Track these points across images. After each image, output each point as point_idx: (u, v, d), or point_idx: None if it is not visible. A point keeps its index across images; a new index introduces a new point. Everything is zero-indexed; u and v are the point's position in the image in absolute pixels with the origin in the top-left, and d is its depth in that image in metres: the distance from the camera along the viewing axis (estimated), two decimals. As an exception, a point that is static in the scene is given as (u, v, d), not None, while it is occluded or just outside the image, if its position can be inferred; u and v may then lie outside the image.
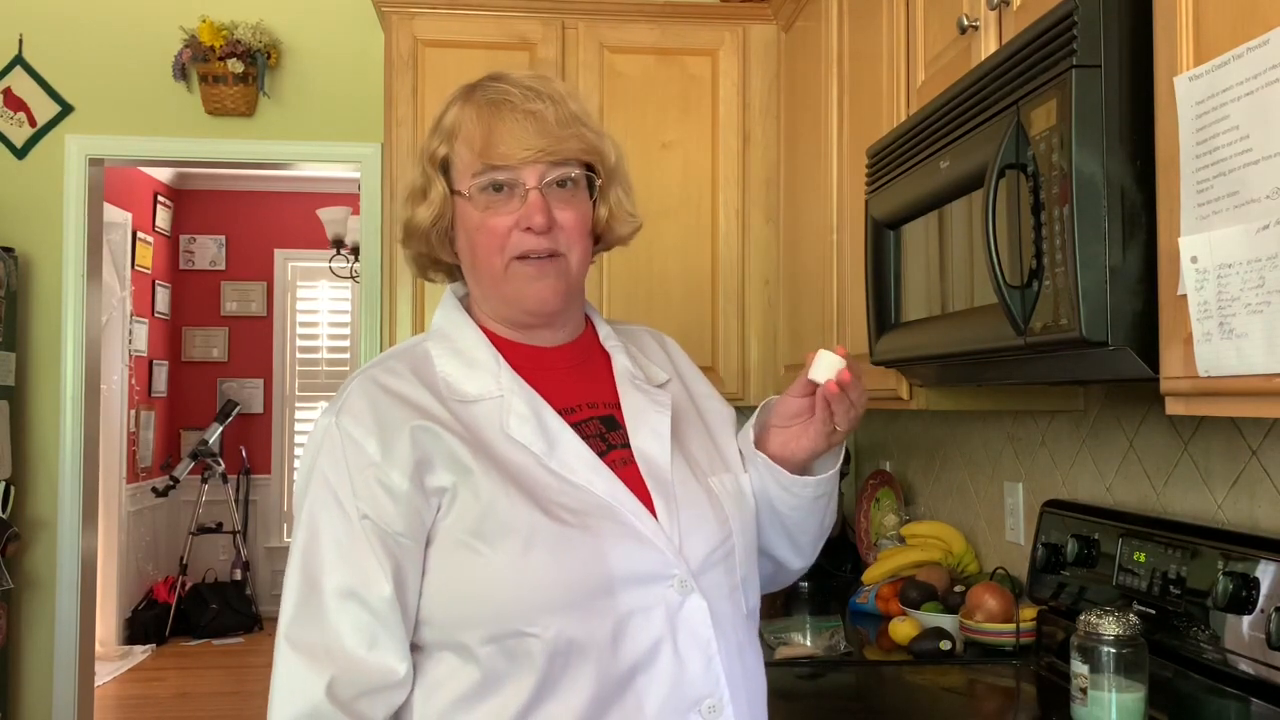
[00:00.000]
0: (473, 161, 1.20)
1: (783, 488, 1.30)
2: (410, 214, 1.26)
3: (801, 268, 2.82)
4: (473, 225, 1.21)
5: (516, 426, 1.18)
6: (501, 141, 1.18)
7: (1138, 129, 1.20)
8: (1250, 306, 0.99)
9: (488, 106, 1.21)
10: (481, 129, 1.19)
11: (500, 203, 1.20)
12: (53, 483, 3.66)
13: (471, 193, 1.20)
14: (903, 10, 2.03)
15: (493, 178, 1.19)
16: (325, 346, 7.50)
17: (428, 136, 1.27)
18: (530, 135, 1.18)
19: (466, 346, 1.25)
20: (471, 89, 1.25)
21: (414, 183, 1.27)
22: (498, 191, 1.19)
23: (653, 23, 3.09)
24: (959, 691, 1.99)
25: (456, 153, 1.22)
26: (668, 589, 1.15)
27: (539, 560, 1.11)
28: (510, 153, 1.18)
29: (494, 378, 1.22)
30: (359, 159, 3.71)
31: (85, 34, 3.68)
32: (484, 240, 1.21)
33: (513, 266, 1.20)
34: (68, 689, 3.63)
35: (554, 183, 1.20)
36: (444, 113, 1.26)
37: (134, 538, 6.50)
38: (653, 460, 1.23)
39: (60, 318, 3.67)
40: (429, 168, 1.24)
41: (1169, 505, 1.79)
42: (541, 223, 1.18)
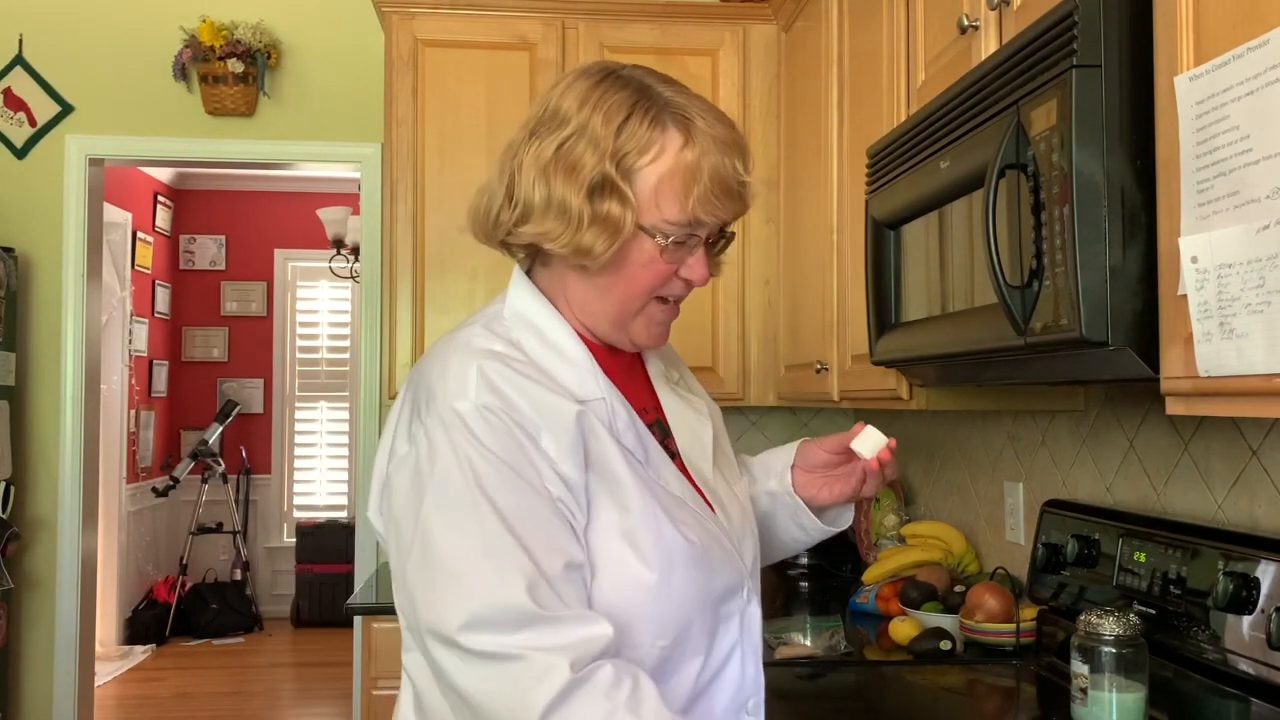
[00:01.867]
0: (678, 210, 1.12)
1: (798, 525, 1.37)
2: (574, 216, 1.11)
3: (801, 268, 2.82)
4: (641, 262, 1.14)
5: (624, 431, 1.15)
6: (720, 206, 1.14)
7: (1138, 129, 1.20)
8: (1250, 306, 0.99)
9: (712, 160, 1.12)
10: (704, 184, 1.12)
11: (682, 252, 1.15)
12: (53, 483, 3.66)
13: (663, 241, 1.13)
14: (903, 10, 2.03)
15: (689, 231, 1.14)
16: (325, 346, 7.50)
17: (604, 129, 1.11)
18: (737, 204, 1.16)
19: (558, 341, 1.17)
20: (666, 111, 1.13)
21: (580, 173, 1.11)
22: (679, 243, 1.14)
23: (653, 23, 3.09)
24: (959, 691, 1.99)
25: (652, 180, 1.12)
26: (741, 597, 1.20)
27: (677, 580, 1.11)
28: (723, 216, 1.16)
29: (594, 378, 1.16)
30: (359, 159, 3.71)
31: (85, 34, 3.68)
32: (647, 280, 1.15)
33: (651, 307, 1.18)
34: (68, 689, 3.63)
35: (712, 239, 1.19)
36: (629, 116, 1.12)
37: (134, 538, 6.50)
38: (700, 470, 1.25)
39: (60, 318, 3.67)
40: (616, 176, 1.11)
41: (1169, 505, 1.79)
42: (704, 278, 1.18)
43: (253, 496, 7.25)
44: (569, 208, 1.11)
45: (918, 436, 2.95)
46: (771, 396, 3.10)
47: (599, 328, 1.20)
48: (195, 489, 6.87)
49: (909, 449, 3.03)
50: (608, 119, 1.11)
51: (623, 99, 1.13)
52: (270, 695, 5.53)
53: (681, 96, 1.15)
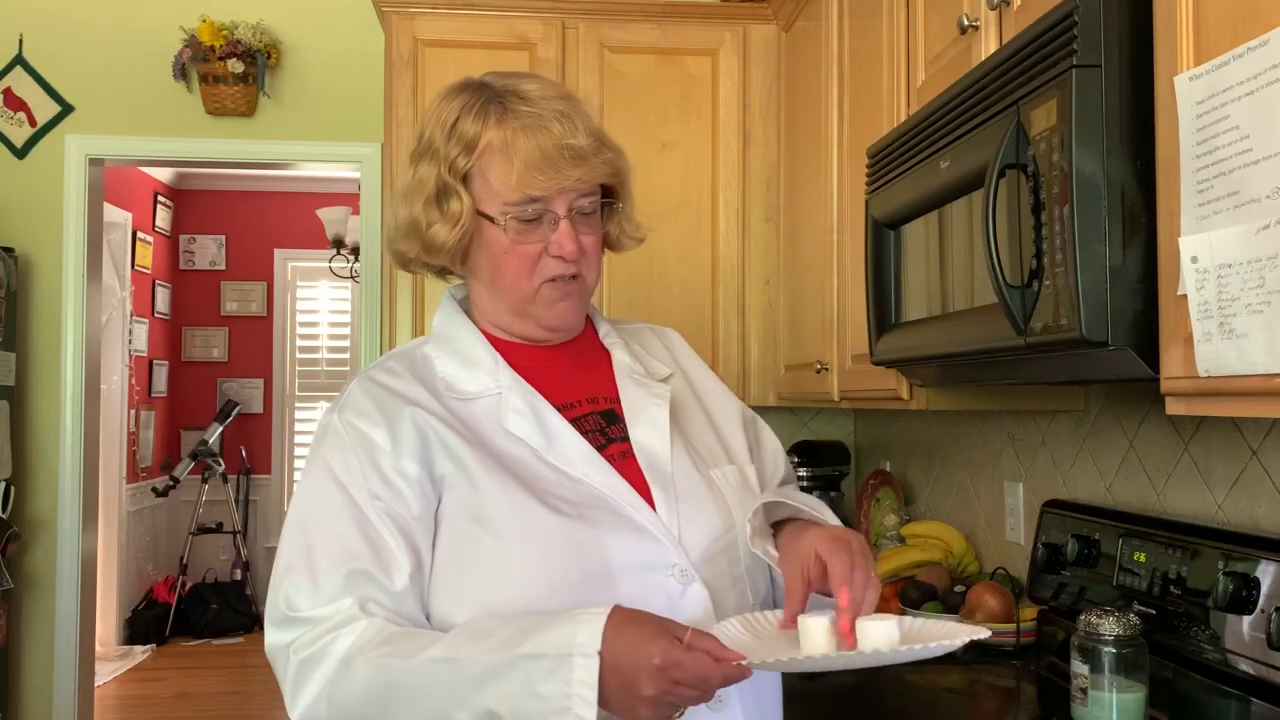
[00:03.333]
0: (508, 190, 1.19)
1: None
2: (424, 225, 1.23)
3: (801, 268, 2.82)
4: (500, 249, 1.22)
5: (514, 421, 1.21)
6: (543, 175, 1.18)
7: (1138, 129, 1.20)
8: (1250, 306, 0.99)
9: (525, 134, 1.19)
10: (520, 159, 1.18)
11: (530, 229, 1.20)
12: (53, 483, 3.66)
13: (504, 221, 1.20)
14: (903, 10, 2.03)
15: (529, 208, 1.19)
16: (325, 346, 7.50)
17: (441, 140, 1.23)
18: (569, 167, 1.19)
19: (465, 347, 1.27)
20: (492, 101, 1.22)
21: (425, 188, 1.23)
22: (527, 222, 1.20)
23: (653, 23, 3.09)
24: (959, 691, 1.99)
25: (482, 171, 1.21)
26: (667, 578, 1.18)
27: (538, 550, 1.14)
28: (551, 185, 1.18)
29: (492, 376, 1.24)
30: (359, 159, 3.71)
31: (85, 34, 3.68)
32: (514, 265, 1.22)
33: (543, 289, 1.23)
34: (68, 689, 3.63)
35: (580, 210, 1.22)
36: (458, 119, 1.22)
37: (134, 538, 6.50)
38: (652, 453, 1.25)
39: (60, 318, 3.67)
40: (450, 179, 1.21)
41: (1169, 505, 1.79)
42: (573, 250, 1.21)
43: (253, 496, 7.25)
44: (416, 220, 1.23)
45: (918, 436, 2.95)
46: (771, 396, 3.10)
47: (506, 323, 1.28)
48: (195, 489, 6.87)
49: (909, 449, 3.03)
50: (443, 127, 1.22)
51: (456, 104, 1.23)
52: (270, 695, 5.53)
53: (514, 83, 1.22)
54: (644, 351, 1.39)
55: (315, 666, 1.10)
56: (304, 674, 1.10)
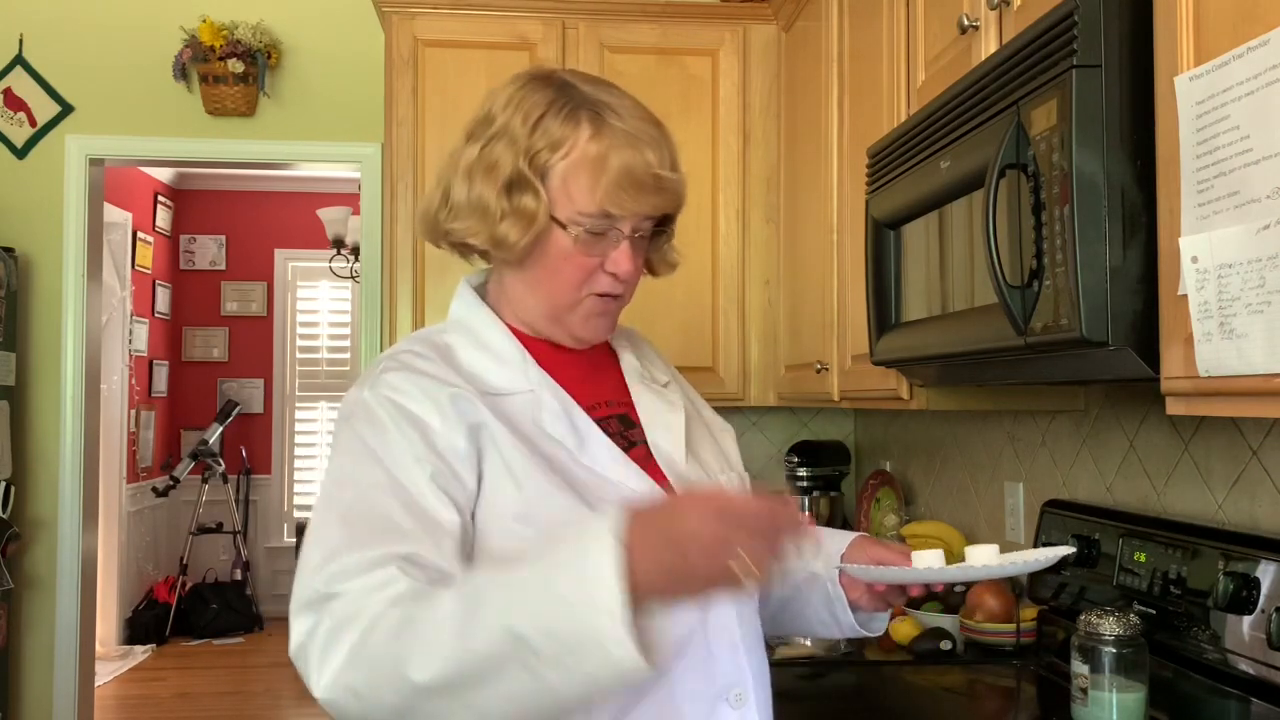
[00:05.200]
0: (587, 202, 1.16)
1: (831, 615, 1.34)
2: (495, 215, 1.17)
3: (801, 268, 2.82)
4: (560, 255, 1.19)
5: (550, 422, 1.19)
6: (628, 197, 1.16)
7: (1138, 129, 1.20)
8: (1251, 306, 0.99)
9: (618, 152, 1.16)
10: (610, 176, 1.15)
11: (595, 243, 1.19)
12: (53, 483, 3.66)
13: (576, 232, 1.17)
14: (903, 10, 2.03)
15: (600, 223, 1.17)
16: (325, 346, 7.50)
17: (522, 129, 1.18)
18: (652, 194, 1.18)
19: (491, 341, 1.24)
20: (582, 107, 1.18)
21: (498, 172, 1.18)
22: (594, 235, 1.18)
23: (653, 22, 3.09)
24: (959, 691, 1.99)
25: (564, 175, 1.17)
26: None
27: None
28: (631, 208, 1.17)
29: (522, 373, 1.21)
30: (359, 159, 3.71)
31: (85, 34, 3.68)
32: (569, 273, 1.20)
33: (586, 301, 1.22)
34: (68, 689, 3.63)
35: (640, 232, 1.21)
36: (544, 115, 1.18)
37: (134, 538, 6.50)
38: (671, 458, 1.26)
39: (60, 318, 3.67)
40: (529, 172, 1.17)
41: (1169, 505, 1.79)
42: (629, 271, 1.20)
43: (253, 496, 7.25)
44: (487, 204, 1.18)
45: (918, 436, 2.95)
46: (771, 396, 3.10)
47: (537, 324, 1.25)
48: (195, 489, 6.86)
49: (909, 449, 3.03)
50: (525, 118, 1.18)
51: (542, 98, 1.19)
52: (270, 695, 5.53)
53: (604, 94, 1.20)
54: (645, 356, 1.39)
55: (345, 628, 0.99)
56: (333, 639, 0.99)
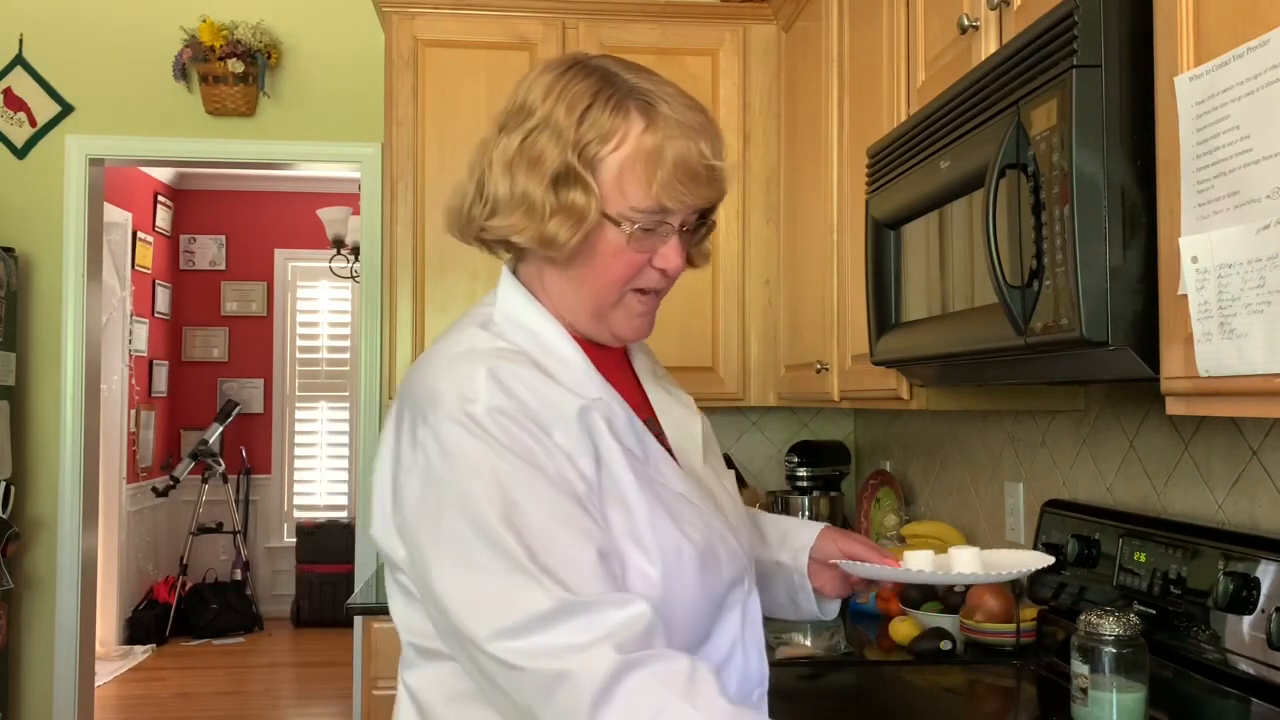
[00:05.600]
0: (642, 197, 1.10)
1: (792, 600, 1.38)
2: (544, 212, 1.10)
3: (801, 268, 2.82)
4: (610, 252, 1.12)
5: (624, 431, 1.13)
6: (685, 189, 1.11)
7: (1138, 129, 1.20)
8: (1251, 306, 0.99)
9: (673, 143, 1.10)
10: (666, 169, 1.10)
11: (646, 238, 1.12)
12: (53, 483, 3.66)
13: (631, 229, 1.11)
14: (903, 10, 2.03)
15: (653, 218, 1.11)
16: (325, 346, 7.50)
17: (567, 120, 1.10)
18: (705, 186, 1.13)
19: (552, 343, 1.16)
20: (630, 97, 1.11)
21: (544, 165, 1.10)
22: (646, 230, 1.12)
23: (653, 23, 3.09)
24: (959, 691, 1.99)
25: (616, 169, 1.10)
26: (743, 590, 1.20)
27: (686, 581, 1.10)
28: (688, 201, 1.12)
29: (589, 379, 1.14)
30: (359, 159, 3.71)
31: (85, 34, 3.68)
32: (619, 270, 1.13)
33: (628, 298, 1.16)
34: (68, 689, 3.63)
35: (688, 226, 1.16)
36: (590, 105, 1.11)
37: (134, 538, 6.50)
38: (693, 465, 1.24)
39: (60, 318, 3.67)
40: (579, 166, 1.10)
41: (1169, 505, 1.79)
42: (679, 267, 1.15)
43: (253, 496, 7.26)
44: (533, 200, 1.10)
45: (918, 436, 2.95)
46: (771, 396, 3.10)
47: (578, 322, 1.18)
48: (195, 489, 6.87)
49: (909, 449, 3.03)
50: (570, 108, 1.11)
51: (585, 87, 1.12)
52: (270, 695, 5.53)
53: (648, 82, 1.14)
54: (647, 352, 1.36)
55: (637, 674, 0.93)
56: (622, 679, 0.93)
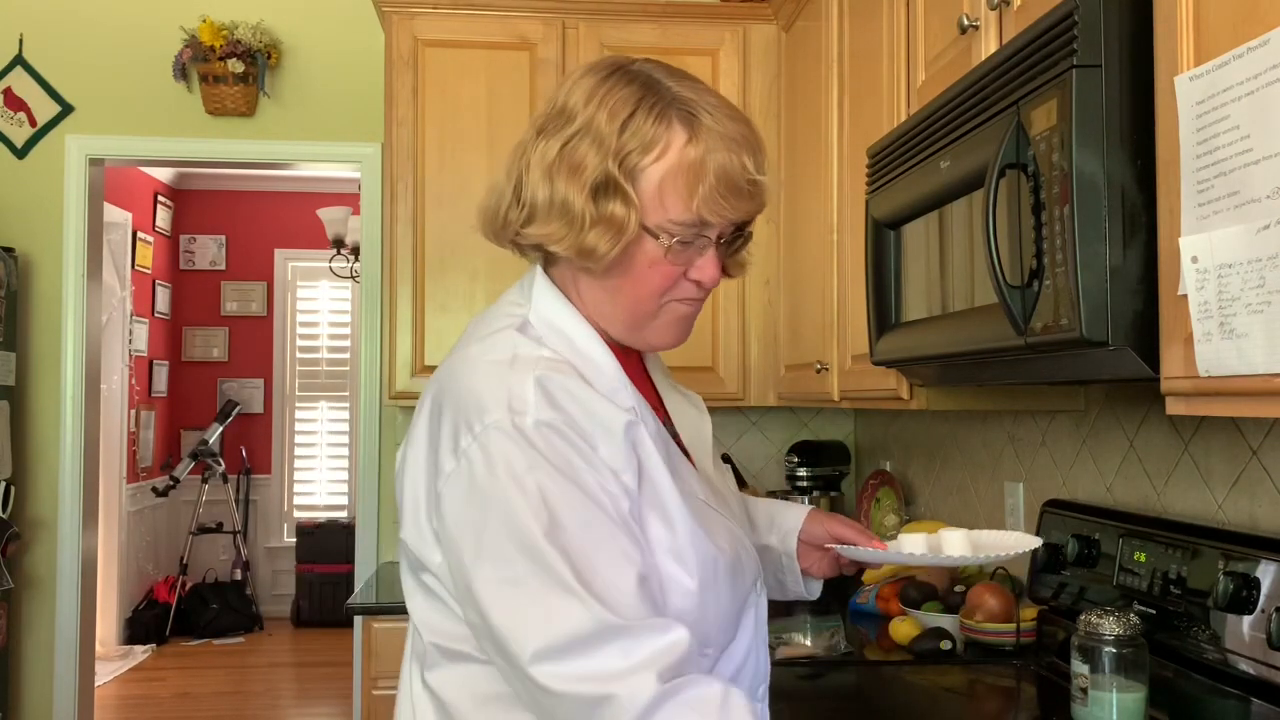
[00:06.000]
0: (682, 210, 1.08)
1: (779, 582, 1.39)
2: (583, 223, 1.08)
3: (801, 268, 2.82)
4: (647, 263, 1.11)
5: (653, 443, 1.11)
6: (726, 203, 1.09)
7: (1138, 129, 1.20)
8: (1251, 306, 0.99)
9: (717, 155, 1.08)
10: (708, 183, 1.08)
11: (684, 250, 1.11)
12: (53, 483, 3.66)
13: (669, 242, 1.09)
14: (903, 10, 2.03)
15: (692, 230, 1.10)
16: (325, 346, 7.50)
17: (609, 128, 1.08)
18: (747, 200, 1.11)
19: (589, 351, 1.14)
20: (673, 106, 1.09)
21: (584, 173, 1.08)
22: (685, 243, 1.10)
23: (653, 23, 3.09)
24: (959, 691, 1.99)
25: (657, 180, 1.08)
26: (755, 590, 1.22)
27: (720, 592, 1.12)
28: (729, 215, 1.10)
29: (623, 387, 1.13)
30: (359, 159, 3.71)
31: (85, 34, 3.68)
32: (655, 281, 1.12)
33: (668, 308, 1.14)
34: (68, 689, 3.63)
35: (726, 238, 1.14)
36: (633, 113, 1.09)
37: (134, 538, 6.50)
38: (706, 467, 1.25)
39: (60, 318, 3.67)
40: (619, 176, 1.07)
41: (1169, 505, 1.79)
42: (715, 279, 1.13)
43: (253, 496, 7.26)
44: (572, 208, 1.08)
45: (918, 436, 2.95)
46: (771, 396, 3.10)
47: (613, 329, 1.16)
48: (195, 489, 6.87)
49: (909, 449, 3.03)
50: (612, 116, 1.08)
51: (628, 95, 1.09)
52: (270, 695, 5.53)
53: (691, 91, 1.11)
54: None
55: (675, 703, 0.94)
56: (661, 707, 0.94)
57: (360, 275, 3.75)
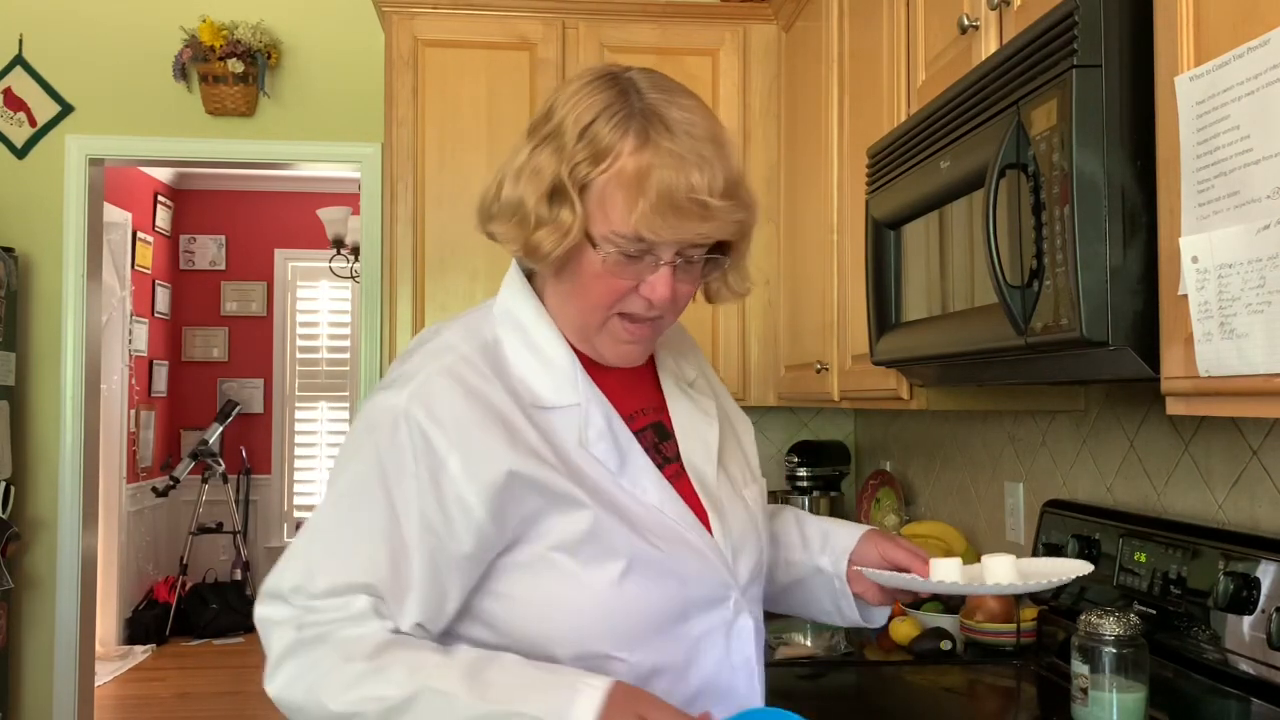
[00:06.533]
0: (621, 223, 1.07)
1: (836, 608, 1.33)
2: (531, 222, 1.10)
3: (801, 268, 2.82)
4: (591, 273, 1.11)
5: (595, 441, 1.13)
6: (664, 222, 1.06)
7: (1138, 129, 1.20)
8: (1251, 306, 0.99)
9: (660, 172, 1.05)
10: (648, 198, 1.05)
11: (628, 265, 1.09)
12: (53, 483, 3.66)
13: (608, 252, 1.09)
14: (903, 10, 2.03)
15: (635, 246, 1.08)
16: (325, 346, 7.50)
17: (572, 134, 1.09)
18: (694, 221, 1.07)
19: (542, 342, 1.16)
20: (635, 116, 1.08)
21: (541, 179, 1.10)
22: (630, 257, 1.09)
23: (653, 23, 3.09)
24: (959, 691, 1.99)
25: (602, 190, 1.08)
26: (726, 610, 1.17)
27: (634, 589, 1.10)
28: (669, 235, 1.07)
29: (572, 384, 1.15)
30: (359, 159, 3.71)
31: (85, 34, 3.68)
32: (599, 292, 1.11)
33: (613, 322, 1.13)
34: (68, 689, 3.63)
35: (686, 258, 1.12)
36: (594, 120, 1.09)
37: (134, 538, 6.50)
38: (703, 475, 1.22)
39: (60, 318, 3.67)
40: (569, 185, 1.08)
41: (1169, 505, 1.79)
42: (664, 299, 1.11)
43: (253, 496, 7.25)
44: (525, 210, 1.11)
45: (918, 436, 2.95)
46: (771, 396, 3.10)
47: (567, 333, 1.17)
48: (195, 489, 6.86)
49: (909, 449, 3.03)
50: (577, 121, 1.09)
51: (598, 101, 1.10)
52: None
53: (664, 103, 1.09)
54: (676, 350, 1.32)
55: (310, 650, 1.05)
56: (294, 653, 1.06)
57: (360, 275, 3.75)
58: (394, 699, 1.01)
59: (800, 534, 1.37)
